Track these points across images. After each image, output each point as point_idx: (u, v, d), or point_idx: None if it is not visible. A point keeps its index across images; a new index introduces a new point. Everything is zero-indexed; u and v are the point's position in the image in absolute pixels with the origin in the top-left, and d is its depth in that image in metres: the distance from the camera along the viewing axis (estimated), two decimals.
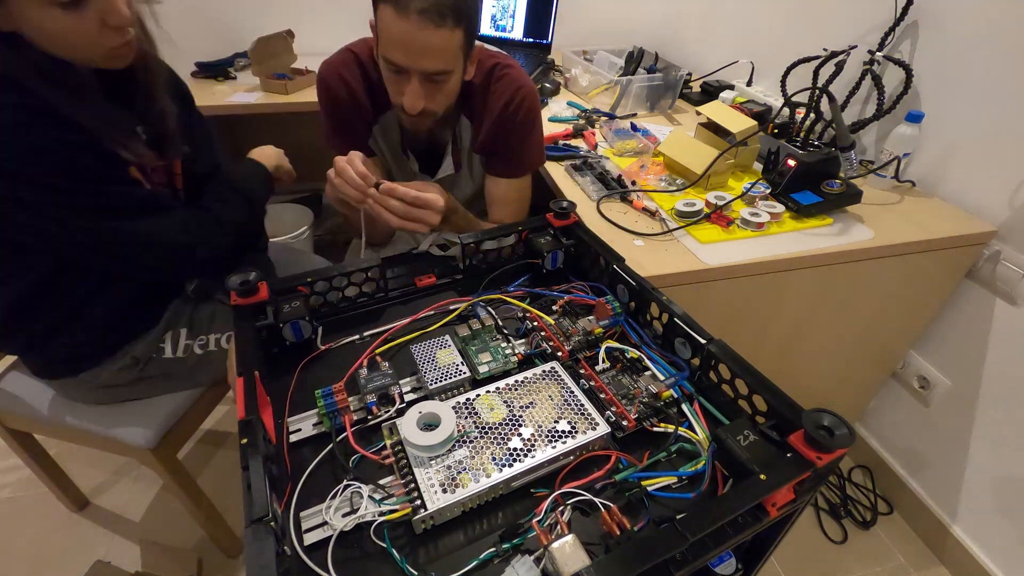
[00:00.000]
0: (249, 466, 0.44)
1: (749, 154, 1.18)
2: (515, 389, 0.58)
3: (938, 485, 1.27)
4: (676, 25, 1.97)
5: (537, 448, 0.51)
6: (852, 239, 0.99)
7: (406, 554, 0.46)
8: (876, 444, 1.42)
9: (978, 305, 1.12)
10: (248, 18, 1.81)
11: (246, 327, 0.61)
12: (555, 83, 1.62)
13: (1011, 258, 1.04)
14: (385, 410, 0.57)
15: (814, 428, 0.46)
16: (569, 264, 0.81)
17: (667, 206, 1.04)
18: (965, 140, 1.09)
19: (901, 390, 1.33)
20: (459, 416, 0.54)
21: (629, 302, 0.70)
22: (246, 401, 0.50)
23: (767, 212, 1.00)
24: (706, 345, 0.58)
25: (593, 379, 0.60)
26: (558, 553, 0.41)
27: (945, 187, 1.14)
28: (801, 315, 1.06)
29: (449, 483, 0.48)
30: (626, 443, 0.55)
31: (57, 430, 1.02)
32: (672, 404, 0.58)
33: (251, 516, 0.40)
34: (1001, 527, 1.14)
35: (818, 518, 1.34)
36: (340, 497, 0.48)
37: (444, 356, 0.62)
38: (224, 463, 1.43)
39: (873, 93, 1.16)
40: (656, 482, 0.50)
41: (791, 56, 1.24)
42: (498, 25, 1.88)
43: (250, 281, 0.63)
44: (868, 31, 1.22)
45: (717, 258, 0.91)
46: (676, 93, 1.54)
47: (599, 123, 1.39)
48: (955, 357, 1.19)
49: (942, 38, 1.10)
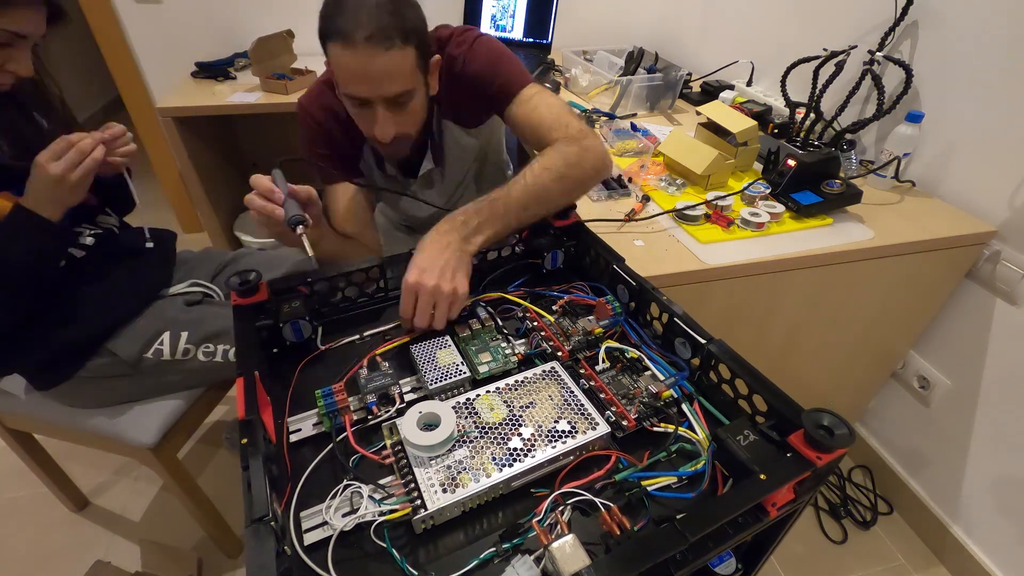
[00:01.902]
0: (249, 466, 0.44)
1: (749, 154, 1.18)
2: (515, 389, 0.58)
3: (938, 485, 1.27)
4: (676, 25, 1.97)
5: (537, 448, 0.51)
6: (852, 239, 0.99)
7: (406, 554, 0.46)
8: (876, 444, 1.42)
9: (978, 305, 1.12)
10: (248, 18, 1.82)
11: (246, 327, 0.61)
12: (555, 83, 1.62)
13: (1011, 258, 1.04)
14: (385, 410, 0.57)
15: (814, 428, 0.46)
16: (569, 264, 0.81)
17: (667, 206, 1.04)
18: (965, 140, 1.09)
19: (901, 390, 1.33)
20: (459, 416, 0.54)
21: (629, 302, 0.70)
22: (246, 401, 0.50)
23: (767, 212, 1.00)
24: (706, 345, 0.58)
25: (593, 379, 0.60)
26: (558, 553, 0.41)
27: (945, 187, 1.14)
28: (801, 315, 1.06)
29: (449, 483, 0.48)
30: (626, 443, 0.55)
31: (57, 430, 1.03)
32: (672, 404, 0.57)
33: (251, 516, 0.40)
34: (1001, 527, 1.14)
35: (818, 518, 1.34)
36: (340, 497, 0.48)
37: (444, 356, 0.62)
38: (224, 463, 1.43)
39: (873, 93, 1.15)
40: (656, 482, 0.50)
41: (791, 56, 1.24)
42: (498, 25, 1.88)
43: (250, 281, 0.64)
44: (868, 31, 1.22)
45: (717, 258, 0.91)
46: (676, 93, 1.54)
47: (599, 123, 1.39)
48: (955, 357, 1.19)
49: (942, 38, 1.10)
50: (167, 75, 1.87)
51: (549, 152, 0.82)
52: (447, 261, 0.67)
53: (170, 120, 1.55)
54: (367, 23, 0.73)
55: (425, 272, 0.65)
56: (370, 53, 0.75)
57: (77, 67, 3.12)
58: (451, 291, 0.65)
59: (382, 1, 0.75)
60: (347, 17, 0.74)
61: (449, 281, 0.66)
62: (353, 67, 0.77)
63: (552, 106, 0.91)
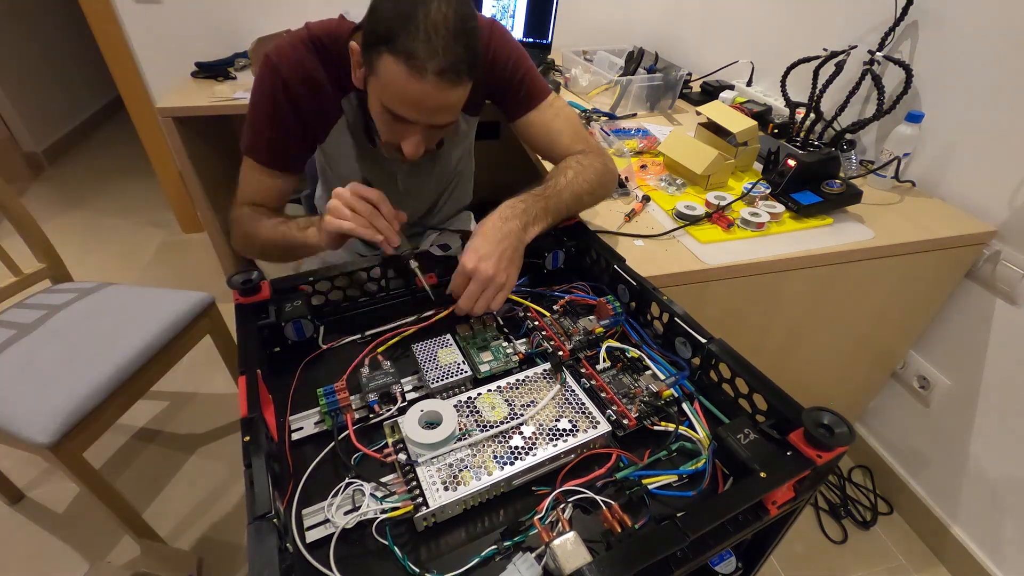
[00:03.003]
0: (252, 463, 0.44)
1: (749, 154, 1.18)
2: (516, 388, 0.58)
3: (938, 485, 1.28)
4: (676, 25, 1.97)
5: (538, 446, 0.51)
6: (852, 239, 0.99)
7: (408, 551, 0.46)
8: (876, 444, 1.42)
9: (978, 305, 1.12)
10: (248, 18, 1.82)
11: (248, 326, 0.61)
12: (555, 83, 1.62)
13: (1011, 258, 1.04)
14: (387, 408, 0.57)
15: (814, 426, 0.47)
16: (570, 264, 0.81)
17: (667, 206, 1.04)
18: (965, 140, 1.09)
19: (901, 390, 1.33)
20: (460, 414, 0.54)
21: (630, 302, 0.70)
22: (248, 399, 0.50)
23: (767, 212, 1.01)
24: (706, 344, 0.58)
25: (594, 378, 0.60)
26: (559, 550, 0.41)
27: (945, 187, 1.14)
28: (801, 315, 1.06)
29: (451, 481, 0.48)
30: (627, 442, 0.55)
31: None
32: (672, 403, 0.58)
33: (253, 513, 0.40)
34: (1001, 527, 1.14)
35: (818, 518, 1.34)
36: (342, 495, 0.48)
37: (445, 355, 0.62)
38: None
39: (873, 93, 1.16)
40: (657, 480, 0.50)
41: (791, 56, 1.24)
42: None
43: (252, 280, 0.64)
44: (868, 31, 1.23)
45: (717, 258, 0.92)
46: (676, 93, 1.54)
47: (599, 123, 1.39)
48: (955, 357, 1.19)
49: (942, 38, 1.10)
50: (167, 75, 1.87)
51: (584, 160, 0.86)
52: (505, 250, 0.67)
53: (170, 120, 1.55)
54: (442, 55, 0.65)
55: (484, 259, 0.65)
56: (437, 87, 0.67)
57: (77, 67, 3.13)
58: (503, 282, 0.66)
59: (458, 29, 0.66)
60: (418, 40, 0.65)
61: (504, 271, 0.66)
62: (413, 96, 0.69)
63: (571, 119, 0.93)
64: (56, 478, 1.37)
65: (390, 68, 0.67)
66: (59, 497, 1.34)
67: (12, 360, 1.05)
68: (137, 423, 1.52)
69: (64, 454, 0.97)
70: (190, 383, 1.65)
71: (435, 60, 0.65)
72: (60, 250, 1.26)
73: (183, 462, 1.42)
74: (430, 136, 0.79)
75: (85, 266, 2.12)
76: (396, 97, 0.71)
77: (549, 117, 0.92)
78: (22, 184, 2.72)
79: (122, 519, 1.12)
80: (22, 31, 2.76)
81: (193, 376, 1.65)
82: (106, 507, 1.08)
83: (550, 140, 0.92)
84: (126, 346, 1.08)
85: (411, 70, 0.66)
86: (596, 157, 0.88)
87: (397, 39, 0.65)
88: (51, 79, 2.95)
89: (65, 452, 0.97)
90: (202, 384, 1.65)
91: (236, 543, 1.25)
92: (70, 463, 0.98)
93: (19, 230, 1.18)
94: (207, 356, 1.34)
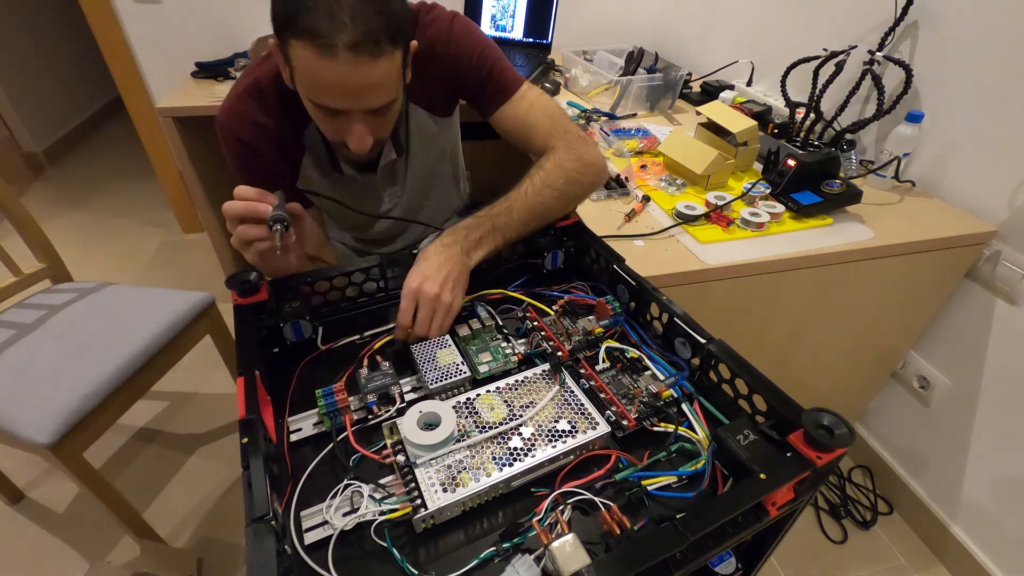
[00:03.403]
0: (250, 465, 0.44)
1: (749, 154, 1.18)
2: (515, 389, 0.58)
3: (938, 485, 1.27)
4: (676, 25, 1.97)
5: (537, 447, 0.51)
6: (852, 239, 0.99)
7: (406, 553, 0.46)
8: (876, 444, 1.42)
9: (978, 305, 1.12)
10: (248, 18, 1.81)
11: (246, 327, 0.61)
12: (555, 83, 1.62)
13: (1011, 258, 1.04)
14: (385, 410, 0.57)
15: (814, 427, 0.46)
16: (569, 264, 0.81)
17: (667, 206, 1.04)
18: (965, 140, 1.09)
19: (901, 390, 1.33)
20: (459, 415, 0.54)
21: (629, 302, 0.70)
22: (247, 400, 0.50)
23: (767, 212, 1.01)
24: (706, 345, 0.58)
25: (593, 379, 0.60)
26: (558, 552, 0.41)
27: (945, 187, 1.14)
28: (801, 315, 1.06)
29: (449, 482, 0.48)
30: (626, 443, 0.55)
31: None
32: (672, 404, 0.58)
33: (252, 515, 0.40)
34: (1001, 527, 1.14)
35: (818, 518, 1.34)
36: (340, 496, 0.48)
37: (444, 356, 0.62)
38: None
39: (873, 93, 1.16)
40: (656, 481, 0.50)
41: (791, 56, 1.24)
42: (498, 25, 1.88)
43: (251, 281, 0.64)
44: (868, 31, 1.22)
45: (717, 258, 0.91)
46: (676, 93, 1.54)
47: (599, 123, 1.39)
48: (955, 357, 1.19)
49: (942, 38, 1.10)
50: (167, 75, 1.87)
51: (549, 165, 0.80)
52: (449, 272, 0.67)
53: (170, 120, 1.55)
54: (351, 26, 0.59)
55: (428, 279, 0.65)
56: (354, 64, 0.61)
57: (77, 67, 3.13)
58: (448, 303, 0.65)
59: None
60: (319, 13, 0.59)
61: (449, 292, 0.65)
62: (330, 79, 0.63)
63: (547, 108, 0.87)
64: (56, 478, 1.37)
65: (298, 53, 0.62)
66: (59, 497, 1.34)
67: (12, 360, 1.05)
68: (137, 423, 1.52)
69: (64, 454, 0.97)
70: (190, 383, 1.65)
71: (344, 33, 0.59)
72: (60, 250, 1.26)
73: (183, 462, 1.43)
74: (375, 125, 0.73)
75: (85, 266, 2.12)
76: (314, 85, 0.65)
77: (523, 110, 0.86)
78: (22, 184, 2.72)
79: (122, 519, 1.12)
80: (22, 31, 2.76)
81: (193, 376, 1.65)
82: (106, 507, 1.08)
83: (526, 134, 0.86)
84: (126, 346, 1.08)
85: (319, 50, 0.60)
86: (569, 152, 0.81)
87: (298, 19, 0.59)
88: (51, 79, 2.95)
89: (65, 452, 0.97)
90: (202, 384, 1.65)
91: (236, 543, 1.26)
92: (70, 463, 0.98)
93: (19, 230, 1.18)
94: (207, 356, 1.34)
